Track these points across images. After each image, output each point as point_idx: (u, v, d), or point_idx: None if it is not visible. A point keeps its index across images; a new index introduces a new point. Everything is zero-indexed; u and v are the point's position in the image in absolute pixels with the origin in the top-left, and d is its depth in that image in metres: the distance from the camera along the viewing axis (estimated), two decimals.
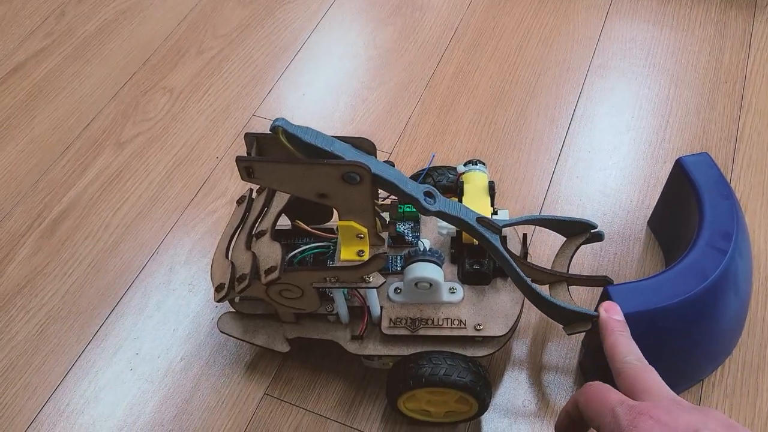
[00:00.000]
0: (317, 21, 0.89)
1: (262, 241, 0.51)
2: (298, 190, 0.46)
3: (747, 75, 0.79)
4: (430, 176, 0.59)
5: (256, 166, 0.44)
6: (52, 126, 0.79)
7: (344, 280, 0.48)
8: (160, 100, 0.81)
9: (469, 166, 0.57)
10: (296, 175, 0.44)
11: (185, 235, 0.70)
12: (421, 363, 0.51)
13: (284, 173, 0.44)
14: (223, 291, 0.50)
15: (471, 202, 0.53)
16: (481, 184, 0.55)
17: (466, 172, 0.56)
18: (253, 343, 0.56)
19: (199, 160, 0.76)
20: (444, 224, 0.53)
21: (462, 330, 0.52)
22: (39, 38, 0.88)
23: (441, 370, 0.50)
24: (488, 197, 0.54)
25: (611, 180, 0.71)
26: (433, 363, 0.50)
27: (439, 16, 0.88)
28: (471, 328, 0.52)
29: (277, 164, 0.44)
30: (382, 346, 0.53)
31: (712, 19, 0.85)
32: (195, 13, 0.91)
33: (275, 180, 0.45)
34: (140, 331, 0.63)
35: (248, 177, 0.45)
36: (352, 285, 0.49)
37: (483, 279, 0.54)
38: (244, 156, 0.45)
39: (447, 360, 0.51)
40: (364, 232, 0.49)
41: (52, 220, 0.71)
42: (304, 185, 0.45)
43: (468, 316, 0.52)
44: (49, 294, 0.66)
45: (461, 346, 0.52)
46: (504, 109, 0.78)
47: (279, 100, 0.81)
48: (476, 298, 0.53)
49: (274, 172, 0.44)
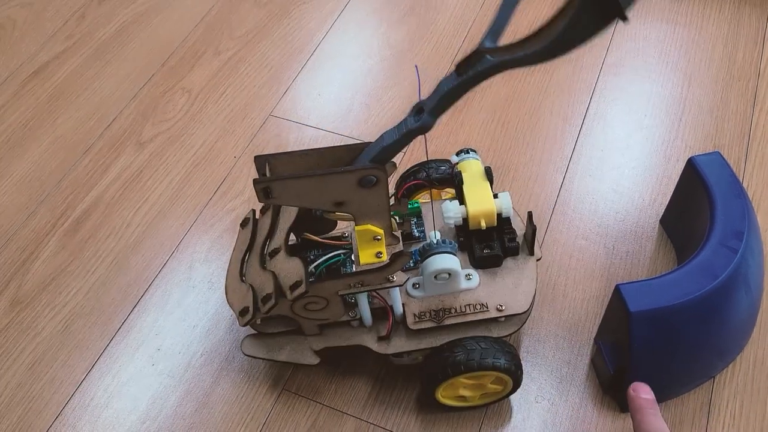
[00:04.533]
0: (332, 21, 0.90)
1: (278, 258, 0.52)
2: (316, 202, 0.47)
3: (760, 73, 0.80)
4: (425, 170, 0.60)
5: (274, 185, 0.44)
6: (74, 126, 0.81)
7: (369, 283, 0.50)
8: (178, 101, 0.83)
9: (462, 155, 0.59)
10: (314, 187, 0.45)
11: (204, 233, 0.71)
12: (456, 351, 0.52)
13: (302, 187, 0.45)
14: (248, 314, 0.51)
15: (471, 188, 0.55)
16: (477, 171, 0.57)
17: (460, 162, 0.58)
18: (280, 360, 0.56)
19: (217, 160, 0.77)
20: (451, 214, 0.54)
21: (485, 313, 0.53)
22: (60, 40, 0.90)
23: (476, 354, 0.51)
24: (487, 182, 0.56)
25: (624, 178, 0.72)
26: (468, 349, 0.52)
27: (452, 16, 0.89)
28: (493, 309, 0.53)
29: (295, 180, 0.45)
30: (410, 342, 0.54)
31: (725, 17, 0.85)
32: (212, 14, 0.92)
33: (293, 196, 0.46)
34: (161, 327, 0.65)
35: (266, 197, 0.45)
36: (378, 286, 0.50)
37: (495, 261, 0.55)
38: (261, 178, 0.45)
39: (480, 344, 0.52)
40: (381, 234, 0.50)
41: (76, 219, 0.73)
42: (321, 196, 0.46)
43: (488, 298, 0.54)
44: (73, 291, 0.68)
45: (487, 329, 0.54)
46: (517, 108, 0.79)
47: (295, 100, 0.82)
48: (491, 281, 0.55)
49: (292, 188, 0.45)
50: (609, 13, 0.32)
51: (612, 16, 0.32)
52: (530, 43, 0.38)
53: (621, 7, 0.32)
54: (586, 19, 0.33)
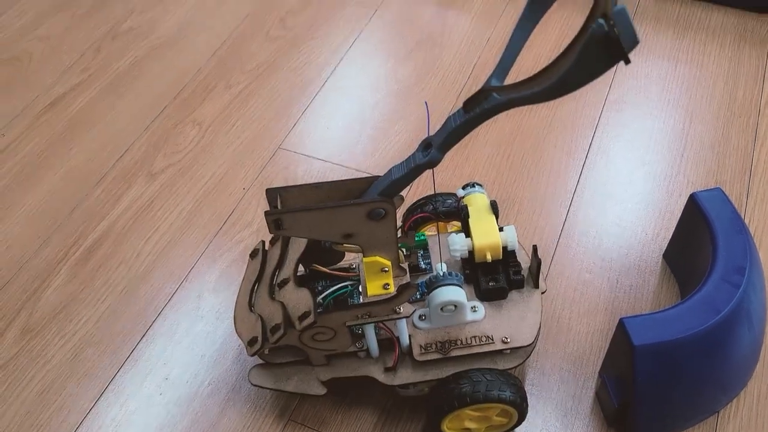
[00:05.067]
0: (341, 56, 0.92)
1: (287, 289, 0.53)
2: (326, 234, 0.48)
3: (761, 110, 0.81)
4: (432, 204, 0.61)
5: (285, 217, 0.46)
6: (87, 157, 0.83)
7: (376, 315, 0.50)
8: (189, 133, 0.85)
9: (468, 189, 0.60)
10: (324, 219, 0.46)
11: (213, 263, 0.72)
12: (462, 382, 0.53)
13: (312, 220, 0.46)
14: (257, 344, 0.52)
15: (477, 222, 0.56)
16: (483, 204, 0.58)
17: (466, 195, 0.59)
18: (287, 390, 0.57)
19: (226, 191, 0.79)
20: (457, 246, 0.55)
21: (491, 345, 0.54)
22: (76, 73, 0.93)
23: (482, 386, 0.52)
24: (493, 215, 0.57)
25: (627, 213, 0.73)
26: (474, 381, 0.52)
27: (458, 53, 0.91)
28: (499, 341, 0.54)
29: (305, 212, 0.46)
30: (417, 373, 0.55)
31: (726, 55, 0.87)
32: (224, 49, 0.94)
33: (304, 228, 0.47)
34: (169, 356, 0.65)
35: (277, 229, 0.46)
36: (385, 318, 0.51)
37: (501, 294, 0.56)
38: (272, 210, 0.46)
39: (486, 376, 0.53)
40: (388, 265, 0.51)
41: (87, 248, 0.74)
42: (331, 228, 0.47)
43: (493, 331, 0.54)
44: (83, 319, 0.68)
45: (492, 361, 0.54)
46: (522, 143, 0.80)
47: (304, 133, 0.84)
48: (497, 313, 0.56)
49: (303, 220, 0.46)
50: (612, 56, 0.34)
51: (615, 58, 0.34)
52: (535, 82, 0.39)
53: (624, 49, 0.33)
54: (589, 61, 0.35)
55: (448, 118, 0.44)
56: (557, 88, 0.37)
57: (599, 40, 0.33)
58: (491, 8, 0.97)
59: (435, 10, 0.97)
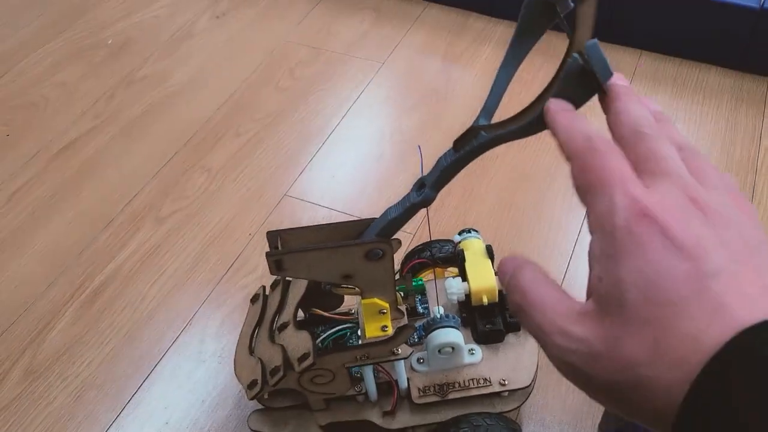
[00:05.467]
0: (348, 107, 0.95)
1: (287, 332, 0.54)
2: (325, 275, 0.49)
3: (758, 168, 0.83)
4: (429, 250, 0.63)
5: (285, 257, 0.47)
6: (97, 201, 0.85)
7: (375, 356, 0.51)
8: (198, 179, 0.87)
9: (464, 234, 0.62)
10: (323, 259, 0.48)
11: (217, 308, 0.73)
12: (462, 427, 0.53)
13: (312, 260, 0.47)
14: (256, 387, 0.52)
15: (474, 266, 0.57)
16: (479, 249, 0.59)
17: (463, 240, 0.61)
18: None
19: (232, 237, 0.80)
20: (454, 290, 0.56)
21: (489, 387, 0.54)
22: (89, 119, 0.95)
23: (482, 431, 0.52)
24: (488, 260, 0.58)
25: None
26: (474, 425, 0.53)
27: (461, 106, 0.94)
28: (496, 384, 0.54)
29: (305, 253, 0.47)
30: (415, 416, 0.55)
31: (723, 115, 0.90)
32: (235, 98, 0.97)
33: (304, 268, 0.48)
34: (170, 400, 0.66)
35: (278, 270, 0.47)
36: (383, 359, 0.51)
37: (497, 336, 0.57)
38: (273, 251, 0.48)
39: (486, 420, 0.53)
40: (387, 307, 0.52)
41: (93, 290, 0.75)
42: (331, 269, 0.48)
43: (491, 373, 0.55)
44: (86, 362, 0.69)
45: (490, 404, 0.55)
46: (524, 195, 0.82)
47: (310, 182, 0.86)
48: (494, 356, 0.56)
49: (303, 260, 0.47)
50: (589, 88, 0.36)
51: (593, 90, 0.36)
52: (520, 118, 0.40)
53: (600, 81, 0.35)
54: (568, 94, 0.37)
55: (439, 158, 0.45)
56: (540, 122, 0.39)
57: (575, 74, 0.34)
58: (494, 64, 0.99)
59: (440, 65, 1.00)
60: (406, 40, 1.04)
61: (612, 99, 0.32)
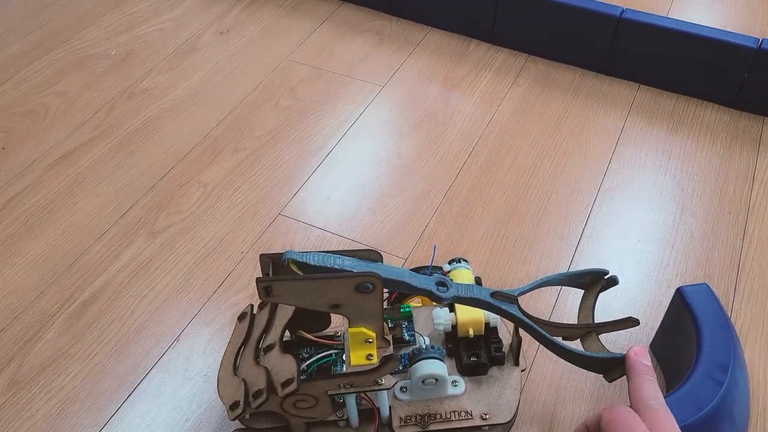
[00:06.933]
0: (346, 129, 0.96)
1: (272, 354, 0.54)
2: (314, 303, 0.49)
3: (750, 207, 0.83)
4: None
5: (275, 285, 0.47)
6: (91, 212, 0.85)
7: (359, 385, 0.51)
8: (194, 194, 0.87)
9: (454, 264, 0.62)
10: (313, 289, 0.48)
11: (206, 325, 0.73)
12: None
13: (302, 289, 0.48)
14: (238, 408, 0.52)
15: None
16: (468, 280, 0.60)
17: (452, 270, 0.62)
18: None
19: (225, 254, 0.80)
20: (441, 320, 0.56)
21: (470, 421, 0.55)
22: (88, 129, 0.96)
23: None
24: None
25: (616, 300, 0.74)
26: None
27: (460, 132, 0.94)
28: (477, 417, 0.55)
29: (295, 282, 0.48)
30: None
31: (717, 152, 0.90)
32: (234, 114, 0.98)
33: (292, 296, 0.48)
34: (153, 418, 0.65)
35: (267, 296, 0.48)
36: (367, 388, 0.51)
37: (482, 369, 0.57)
38: (263, 277, 0.48)
39: None
40: (373, 337, 0.52)
41: (82, 302, 0.75)
42: (320, 298, 0.48)
43: (473, 406, 0.55)
44: (71, 374, 0.69)
45: None
46: (516, 224, 0.82)
47: (305, 201, 0.86)
48: (477, 389, 0.57)
49: (292, 289, 0.48)
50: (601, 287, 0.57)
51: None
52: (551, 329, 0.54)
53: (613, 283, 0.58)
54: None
55: (475, 285, 0.54)
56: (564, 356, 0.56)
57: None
58: (494, 91, 1.00)
59: (440, 90, 1.01)
60: (407, 64, 1.05)
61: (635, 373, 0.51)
